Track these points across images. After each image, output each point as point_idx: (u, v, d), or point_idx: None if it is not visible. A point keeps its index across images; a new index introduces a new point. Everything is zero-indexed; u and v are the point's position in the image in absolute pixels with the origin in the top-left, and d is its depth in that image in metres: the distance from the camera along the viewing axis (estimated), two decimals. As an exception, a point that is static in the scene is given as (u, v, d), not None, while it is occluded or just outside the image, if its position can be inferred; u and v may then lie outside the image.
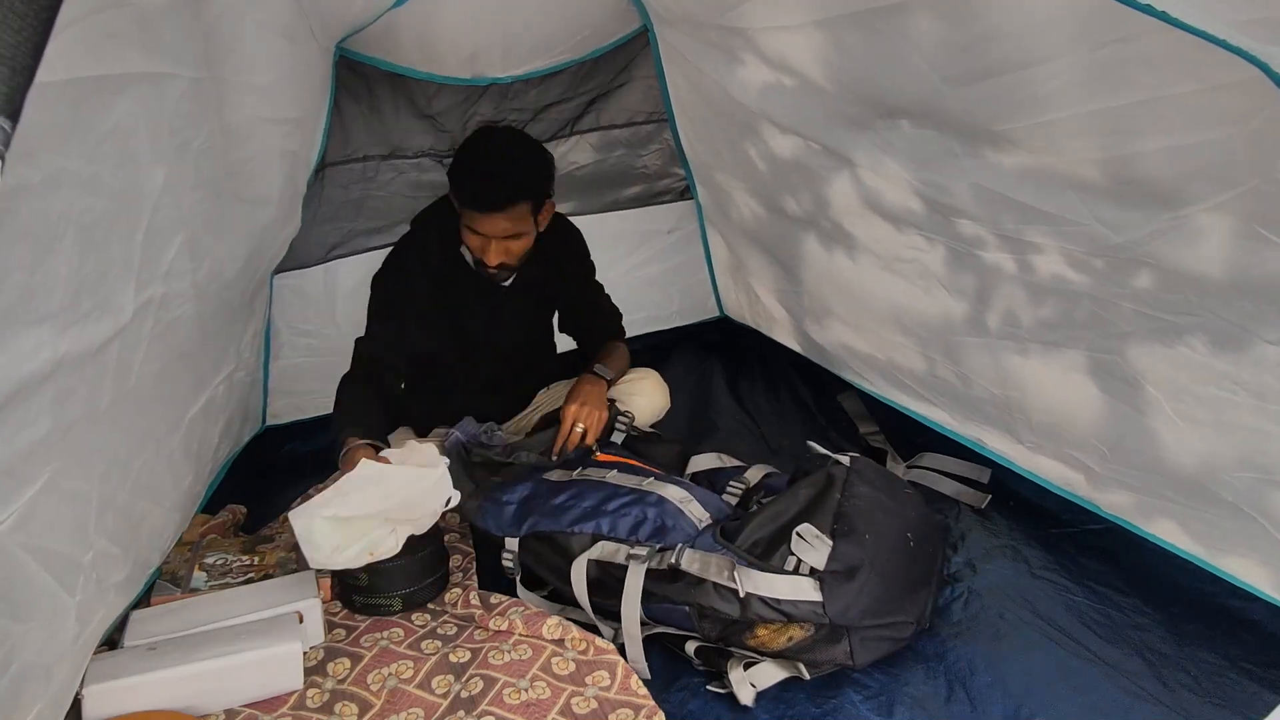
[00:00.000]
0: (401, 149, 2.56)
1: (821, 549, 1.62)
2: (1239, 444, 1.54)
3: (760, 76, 2.12)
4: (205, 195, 1.66)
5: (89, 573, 1.41)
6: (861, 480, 1.77)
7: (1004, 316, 1.88)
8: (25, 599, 1.24)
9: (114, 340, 1.40)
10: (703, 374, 2.92)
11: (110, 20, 1.20)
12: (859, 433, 2.44)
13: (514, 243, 2.03)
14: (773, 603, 1.58)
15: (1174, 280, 1.50)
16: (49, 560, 1.28)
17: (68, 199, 1.19)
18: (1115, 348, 1.67)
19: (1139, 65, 1.31)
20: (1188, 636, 1.64)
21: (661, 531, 1.73)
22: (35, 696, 1.27)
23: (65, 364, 1.25)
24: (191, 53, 1.50)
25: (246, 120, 1.76)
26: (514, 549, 1.85)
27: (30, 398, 1.18)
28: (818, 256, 2.38)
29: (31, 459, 1.20)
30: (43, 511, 1.23)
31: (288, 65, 1.89)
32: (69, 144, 1.17)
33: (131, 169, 1.37)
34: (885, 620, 1.62)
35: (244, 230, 1.95)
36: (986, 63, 1.54)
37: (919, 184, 1.88)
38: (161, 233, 1.52)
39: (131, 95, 1.31)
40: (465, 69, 2.51)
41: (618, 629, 1.70)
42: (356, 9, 2.16)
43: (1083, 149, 1.50)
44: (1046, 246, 1.68)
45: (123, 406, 1.47)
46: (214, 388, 2.01)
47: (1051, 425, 1.91)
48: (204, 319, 1.81)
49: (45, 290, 1.18)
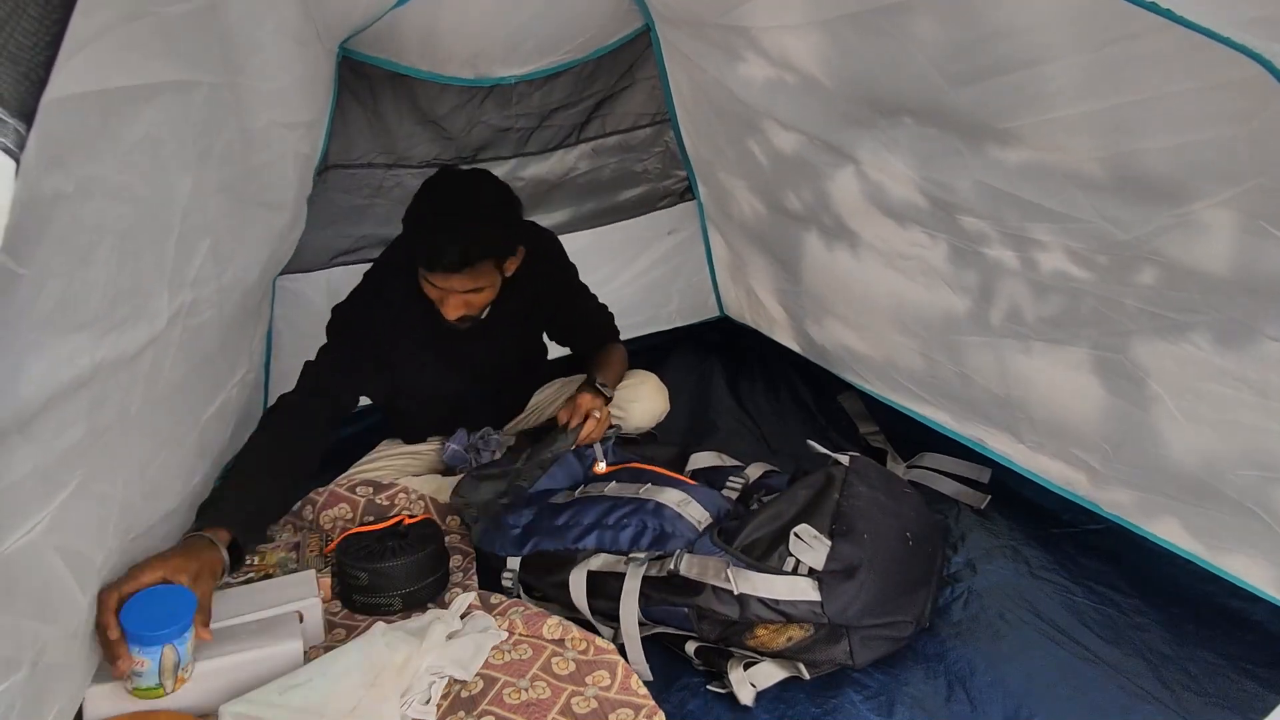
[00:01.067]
0: (406, 158, 2.55)
1: (820, 549, 1.62)
2: (1242, 441, 1.54)
3: (763, 74, 2.12)
4: (226, 200, 1.67)
5: (100, 573, 1.41)
6: (860, 480, 1.77)
7: (1007, 313, 1.88)
8: (53, 600, 1.25)
9: (149, 347, 1.41)
10: (703, 374, 2.92)
11: (135, 31, 1.22)
12: (859, 433, 2.44)
13: (475, 296, 1.91)
14: (771, 603, 1.58)
15: (1178, 277, 1.51)
16: (73, 561, 1.29)
17: (101, 207, 1.21)
18: (1119, 345, 1.67)
19: (1142, 63, 1.32)
20: (1188, 636, 1.64)
21: (662, 539, 1.74)
22: (56, 696, 1.28)
23: (102, 370, 1.26)
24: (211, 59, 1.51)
25: (263, 125, 1.76)
26: (515, 568, 1.85)
27: (68, 403, 1.19)
28: (819, 254, 2.37)
29: (66, 463, 1.22)
30: (72, 514, 1.24)
31: (299, 69, 1.89)
32: (101, 153, 1.19)
33: (161, 177, 1.39)
34: (884, 620, 1.62)
35: (263, 235, 1.96)
36: (990, 61, 1.54)
37: (922, 180, 1.88)
38: (190, 239, 1.53)
39: (158, 104, 1.32)
40: (468, 69, 2.51)
41: (616, 629, 1.70)
42: (360, 9, 2.16)
43: (1086, 146, 1.50)
44: (1050, 243, 1.69)
45: (149, 411, 1.48)
46: (229, 390, 2.01)
47: (1054, 423, 1.91)
48: (225, 323, 1.81)
49: (83, 297, 1.20)
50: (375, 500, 2.09)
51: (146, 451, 1.54)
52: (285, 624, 1.63)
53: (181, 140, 1.43)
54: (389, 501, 2.09)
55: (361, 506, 2.07)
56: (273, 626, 1.62)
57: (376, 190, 2.55)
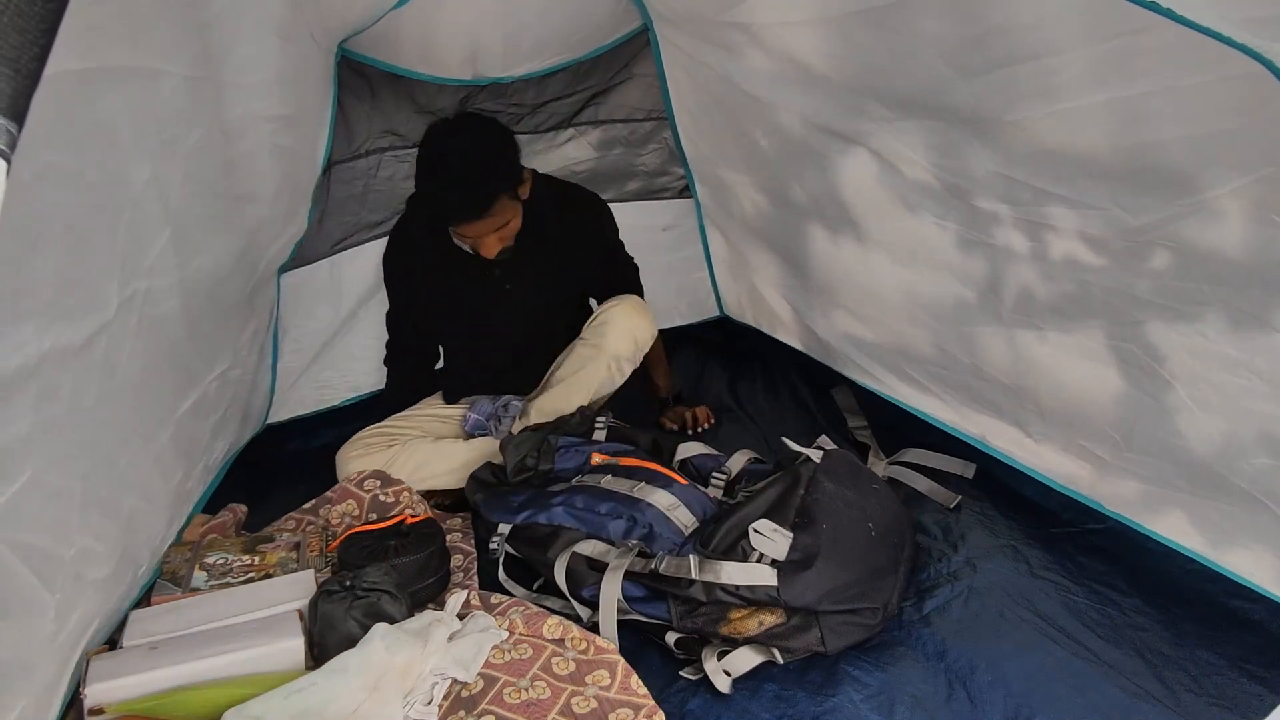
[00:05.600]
0: (404, 139, 2.57)
1: (783, 542, 1.70)
2: (1253, 430, 1.54)
3: (766, 67, 2.12)
4: (196, 192, 1.66)
5: (69, 569, 1.40)
6: (827, 476, 1.84)
7: (1018, 299, 1.87)
8: (8, 597, 1.23)
9: (99, 336, 1.39)
10: (703, 374, 2.91)
11: (95, 14, 1.19)
12: (847, 427, 2.44)
13: (504, 229, 2.04)
14: (731, 590, 1.66)
15: (1191, 265, 1.51)
16: (30, 556, 1.26)
17: (53, 194, 1.19)
18: (1131, 334, 1.67)
19: (1150, 57, 1.32)
20: (1188, 636, 1.64)
21: (649, 538, 1.80)
22: (16, 695, 1.26)
23: (49, 360, 1.24)
24: (187, 51, 1.49)
25: (241, 119, 1.76)
26: (503, 532, 1.92)
27: (14, 394, 1.17)
28: (825, 247, 2.36)
29: (14, 456, 1.20)
30: (25, 508, 1.22)
31: (280, 62, 1.89)
32: (54, 139, 1.16)
33: (114, 164, 1.37)
34: (849, 606, 1.68)
35: (237, 227, 1.95)
36: (997, 55, 1.55)
37: (931, 167, 1.88)
38: (145, 228, 1.51)
39: (117, 90, 1.31)
40: (465, 70, 2.52)
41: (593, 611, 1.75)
42: (357, 10, 2.16)
43: (1097, 136, 1.51)
44: (1062, 229, 1.68)
45: (108, 403, 1.46)
46: (206, 385, 2.00)
47: (1064, 413, 1.91)
48: (193, 316, 1.80)
49: (31, 286, 1.18)
50: (380, 497, 2.10)
51: (111, 445, 1.53)
52: (286, 622, 1.64)
53: (142, 128, 1.41)
54: (394, 499, 2.11)
55: (367, 503, 2.09)
56: (273, 624, 1.63)
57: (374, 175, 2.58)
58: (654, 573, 1.72)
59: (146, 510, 1.77)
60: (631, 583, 1.74)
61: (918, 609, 1.77)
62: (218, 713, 1.41)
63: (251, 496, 2.24)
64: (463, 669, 1.57)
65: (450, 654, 1.58)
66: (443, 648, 1.58)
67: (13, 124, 0.81)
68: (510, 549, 1.94)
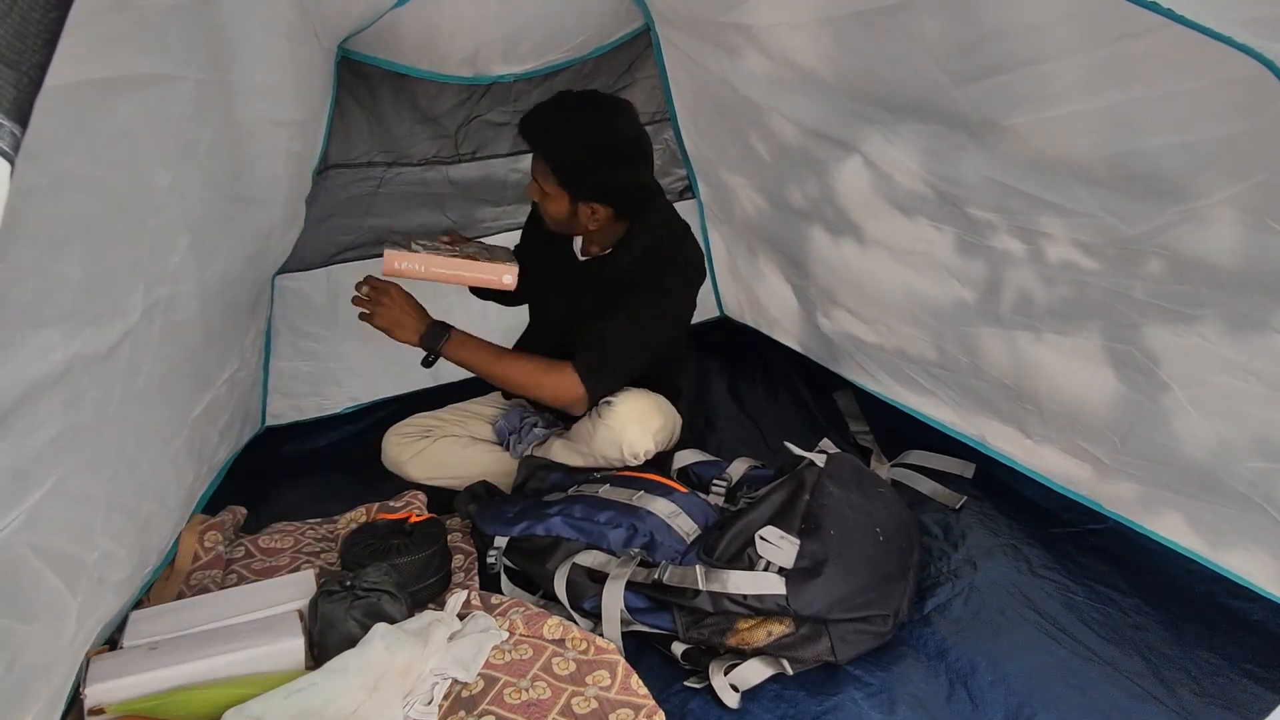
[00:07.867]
0: (405, 156, 2.56)
1: (789, 549, 1.68)
2: (1250, 433, 1.54)
3: (764, 70, 2.12)
4: (211, 197, 1.66)
5: (92, 573, 1.41)
6: (833, 481, 1.82)
7: (1016, 302, 1.88)
8: (31, 599, 1.24)
9: (123, 342, 1.40)
10: (703, 374, 2.91)
11: (114, 23, 1.20)
12: (849, 431, 2.44)
13: (533, 188, 1.99)
14: (739, 599, 1.63)
15: (1185, 271, 1.51)
16: (55, 561, 1.28)
17: (75, 201, 1.20)
18: (1128, 335, 1.67)
19: (1146, 61, 1.32)
20: (1188, 636, 1.64)
21: (651, 547, 1.78)
22: (35, 697, 1.27)
23: (76, 366, 1.25)
24: (198, 55, 1.50)
25: (250, 121, 1.76)
26: (500, 545, 1.89)
27: (41, 400, 1.18)
28: (825, 249, 2.37)
29: (41, 461, 1.20)
30: (50, 513, 1.23)
31: (291, 66, 1.89)
32: (75, 147, 1.17)
33: (136, 171, 1.37)
34: (859, 614, 1.65)
35: (249, 231, 1.95)
36: (993, 60, 1.55)
37: (927, 174, 1.88)
38: (167, 234, 1.52)
39: (136, 98, 1.31)
40: (467, 68, 2.51)
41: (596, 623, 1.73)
42: (359, 9, 2.16)
43: (1091, 143, 1.50)
44: (1057, 236, 1.69)
45: (131, 408, 1.47)
46: (217, 388, 2.01)
47: (1064, 414, 1.91)
48: (208, 320, 1.81)
49: (56, 292, 1.19)
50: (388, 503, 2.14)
51: (133, 449, 1.53)
52: (286, 622, 1.63)
53: (160, 134, 1.41)
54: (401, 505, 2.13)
55: (375, 509, 2.12)
56: (274, 624, 1.63)
57: (376, 187, 2.55)
58: (658, 583, 1.68)
59: (161, 513, 1.77)
60: (634, 593, 1.71)
61: (918, 608, 1.77)
62: (218, 713, 1.41)
63: (251, 497, 2.24)
64: (463, 669, 1.57)
65: (450, 654, 1.58)
66: (443, 648, 1.58)
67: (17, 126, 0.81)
68: (508, 562, 1.89)
